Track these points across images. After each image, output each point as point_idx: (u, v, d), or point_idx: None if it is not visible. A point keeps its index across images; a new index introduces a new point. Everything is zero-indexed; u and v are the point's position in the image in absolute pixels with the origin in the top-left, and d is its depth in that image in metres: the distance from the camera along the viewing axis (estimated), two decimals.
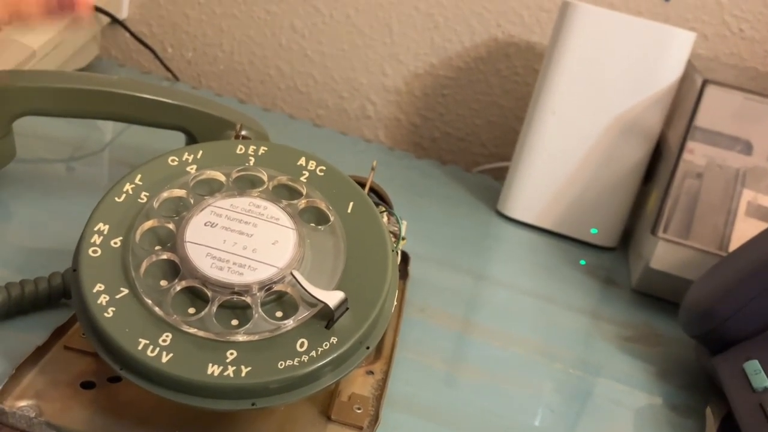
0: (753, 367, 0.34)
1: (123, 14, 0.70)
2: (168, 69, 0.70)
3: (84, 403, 0.26)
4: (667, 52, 0.52)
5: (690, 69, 0.52)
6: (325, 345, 0.25)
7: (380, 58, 0.69)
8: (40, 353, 0.28)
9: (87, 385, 0.27)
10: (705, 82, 0.47)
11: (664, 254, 0.47)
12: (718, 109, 0.48)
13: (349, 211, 0.29)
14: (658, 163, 0.54)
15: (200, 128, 0.42)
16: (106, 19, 0.64)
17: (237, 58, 0.72)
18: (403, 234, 0.37)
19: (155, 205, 0.27)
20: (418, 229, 0.52)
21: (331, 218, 0.28)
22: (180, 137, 0.44)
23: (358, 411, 0.29)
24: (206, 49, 0.72)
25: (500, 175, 0.64)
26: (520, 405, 0.36)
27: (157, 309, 0.25)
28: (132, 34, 0.67)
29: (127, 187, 0.28)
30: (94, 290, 0.25)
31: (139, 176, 0.28)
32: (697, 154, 0.48)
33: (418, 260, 0.46)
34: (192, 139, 0.43)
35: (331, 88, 0.71)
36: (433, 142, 0.71)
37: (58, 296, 0.32)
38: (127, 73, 0.69)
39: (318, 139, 0.66)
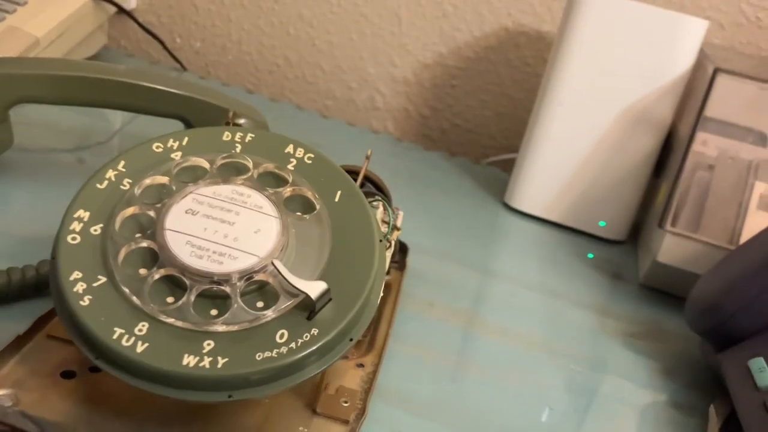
0: (758, 364, 0.32)
1: (131, 4, 0.70)
2: (176, 59, 0.69)
3: (63, 393, 0.26)
4: (678, 41, 0.51)
5: (702, 58, 0.51)
6: (306, 336, 0.24)
7: (389, 48, 0.68)
8: (22, 342, 0.28)
9: (68, 375, 0.27)
10: (716, 71, 0.46)
11: (671, 248, 0.45)
12: (730, 99, 0.46)
13: (336, 199, 0.28)
14: (668, 155, 0.53)
15: (198, 117, 0.41)
16: (113, 9, 0.64)
17: (245, 48, 0.71)
18: (398, 224, 0.36)
19: (137, 192, 0.27)
20: (424, 222, 0.51)
21: (317, 207, 0.28)
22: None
23: (345, 404, 0.29)
24: (214, 39, 0.72)
25: (509, 167, 0.62)
26: (519, 402, 0.35)
27: (134, 298, 0.24)
28: (139, 24, 0.66)
29: (110, 173, 0.27)
30: (71, 278, 0.25)
31: (122, 163, 0.28)
32: (709, 145, 0.47)
33: (423, 253, 0.45)
34: (190, 128, 0.42)
35: (339, 78, 0.70)
36: (442, 133, 0.70)
37: (46, 285, 0.32)
38: (135, 63, 0.69)
39: (326, 130, 0.65)
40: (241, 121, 0.41)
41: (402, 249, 0.42)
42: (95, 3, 0.60)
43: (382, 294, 0.28)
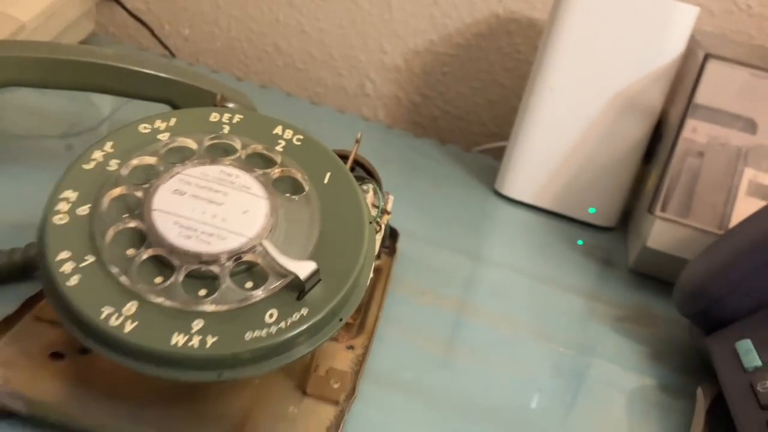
0: (745, 346, 0.33)
1: None
2: (164, 46, 0.69)
3: (53, 374, 0.26)
4: (669, 27, 0.51)
5: (693, 44, 0.51)
6: (296, 316, 0.24)
7: (379, 34, 0.68)
8: (10, 323, 0.27)
9: (57, 356, 0.27)
10: (707, 57, 0.46)
11: (661, 233, 0.45)
12: (720, 86, 0.47)
13: (325, 181, 0.28)
14: (659, 142, 0.53)
15: (185, 101, 0.41)
16: None
17: (234, 35, 0.71)
18: (388, 208, 0.36)
19: (124, 172, 0.27)
20: (415, 209, 0.51)
21: (306, 188, 0.28)
22: None
23: (335, 386, 0.29)
24: (203, 26, 0.71)
25: (500, 155, 0.62)
26: (508, 385, 0.35)
27: (122, 278, 0.24)
28: (127, 10, 0.66)
29: (97, 154, 0.27)
30: (58, 258, 0.24)
31: (109, 144, 0.28)
32: (699, 132, 0.47)
33: (413, 239, 0.45)
34: None
35: (329, 65, 0.70)
36: (432, 120, 0.70)
37: (33, 267, 0.32)
38: (123, 49, 0.68)
39: (316, 117, 0.65)
40: (230, 105, 0.41)
41: (392, 234, 0.42)
42: None
43: (372, 277, 0.27)
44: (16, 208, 0.38)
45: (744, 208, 0.45)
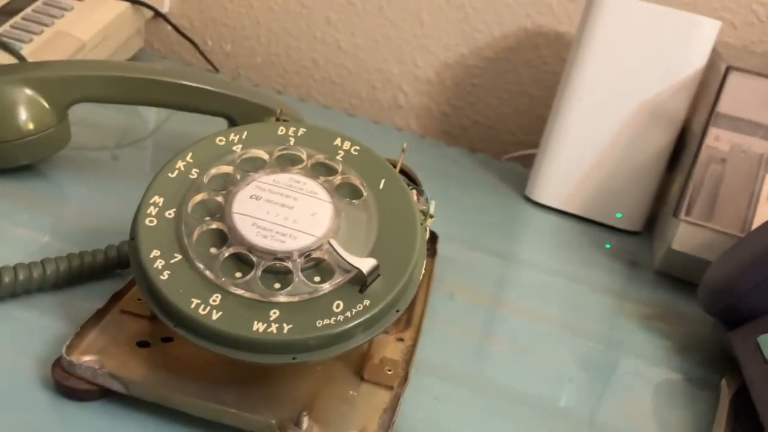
0: (767, 340, 0.35)
1: (165, 8, 0.73)
2: (208, 61, 0.73)
3: (141, 360, 0.29)
4: (692, 41, 0.53)
5: (715, 57, 0.54)
6: (359, 307, 0.27)
7: (412, 48, 0.71)
8: (100, 315, 0.31)
9: (142, 344, 0.30)
10: (728, 69, 0.48)
11: (686, 236, 0.48)
12: (742, 96, 0.49)
13: (381, 187, 0.31)
14: (682, 150, 0.56)
15: (242, 114, 0.44)
16: (149, 13, 0.67)
17: (274, 50, 0.75)
18: (431, 212, 0.39)
19: (205, 180, 0.30)
20: (448, 214, 0.54)
21: (365, 193, 0.31)
22: (220, 124, 0.47)
23: (389, 372, 0.32)
24: (244, 41, 0.75)
25: (529, 163, 0.65)
26: (543, 375, 0.38)
27: (207, 273, 0.27)
28: (174, 27, 0.70)
29: (179, 164, 0.31)
30: (151, 255, 0.28)
31: (189, 154, 0.31)
32: (721, 140, 0.50)
33: (448, 242, 0.48)
34: (234, 125, 0.46)
35: (364, 78, 0.73)
36: (463, 130, 0.73)
37: (113, 267, 0.35)
38: (170, 65, 0.72)
39: (351, 127, 0.68)
40: (284, 118, 0.44)
41: (432, 237, 0.45)
42: (134, 8, 0.63)
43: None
44: (84, 213, 0.42)
45: (765, 211, 0.47)
